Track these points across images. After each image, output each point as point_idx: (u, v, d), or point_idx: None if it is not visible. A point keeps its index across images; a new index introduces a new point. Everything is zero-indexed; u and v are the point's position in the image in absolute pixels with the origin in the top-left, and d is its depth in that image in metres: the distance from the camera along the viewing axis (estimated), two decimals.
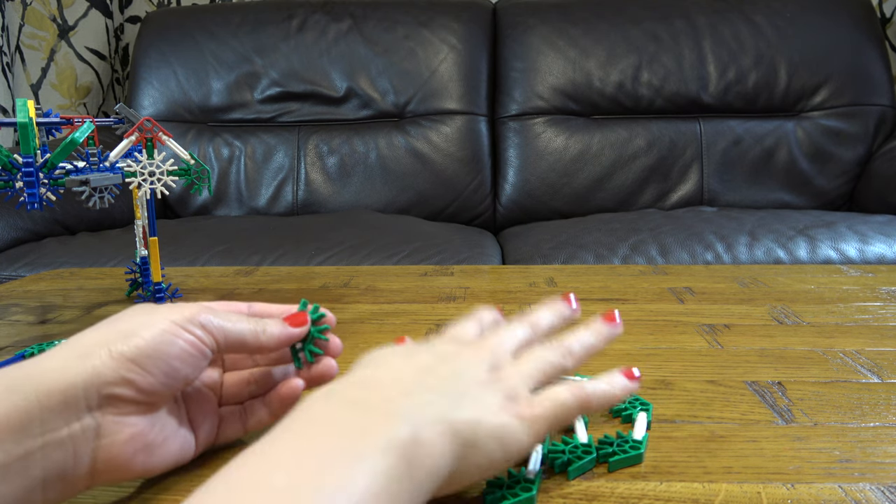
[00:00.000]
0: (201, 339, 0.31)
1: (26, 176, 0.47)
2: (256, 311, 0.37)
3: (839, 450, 0.36)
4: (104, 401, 0.28)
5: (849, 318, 0.59)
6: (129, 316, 0.31)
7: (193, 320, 0.31)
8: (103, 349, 0.29)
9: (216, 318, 0.32)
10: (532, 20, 1.73)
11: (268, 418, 0.36)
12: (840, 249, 1.16)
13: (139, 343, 0.29)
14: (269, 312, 0.37)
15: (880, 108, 1.66)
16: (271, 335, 0.34)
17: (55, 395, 0.27)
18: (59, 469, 0.27)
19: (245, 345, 0.33)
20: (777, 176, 1.64)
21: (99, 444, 0.28)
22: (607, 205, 1.64)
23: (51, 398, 0.27)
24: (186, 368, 0.31)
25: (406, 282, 0.75)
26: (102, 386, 0.28)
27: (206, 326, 0.32)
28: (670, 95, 1.67)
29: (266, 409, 0.36)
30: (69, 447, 0.27)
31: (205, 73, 1.74)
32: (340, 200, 1.67)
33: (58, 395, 0.27)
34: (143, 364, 0.29)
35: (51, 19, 1.80)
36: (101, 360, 0.28)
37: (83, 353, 0.28)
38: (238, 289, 0.73)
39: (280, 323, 0.35)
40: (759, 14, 1.69)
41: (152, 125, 0.54)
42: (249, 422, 0.36)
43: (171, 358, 0.30)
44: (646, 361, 0.49)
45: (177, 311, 0.31)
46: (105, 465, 0.29)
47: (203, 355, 0.31)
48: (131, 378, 0.29)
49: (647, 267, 0.82)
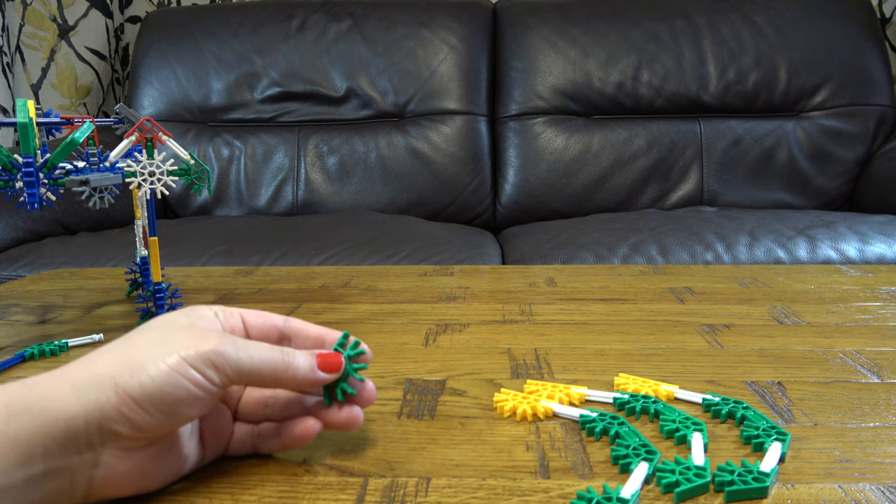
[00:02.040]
0: (211, 379, 0.30)
1: (26, 176, 0.47)
2: (292, 328, 0.36)
3: (839, 450, 0.36)
4: (105, 436, 0.28)
5: (849, 318, 0.59)
6: (144, 342, 0.30)
7: (206, 359, 0.30)
8: (109, 383, 0.28)
9: (235, 352, 0.30)
10: (532, 20, 1.73)
11: (277, 448, 0.35)
12: (840, 249, 1.16)
13: (144, 381, 0.28)
14: (305, 333, 0.36)
15: (880, 108, 1.66)
16: (294, 376, 0.32)
17: (59, 425, 0.27)
18: (56, 493, 0.27)
19: (263, 382, 0.32)
20: (777, 176, 1.64)
21: (97, 473, 0.28)
22: (607, 205, 1.64)
23: (55, 427, 0.27)
24: (191, 410, 0.30)
25: (406, 282, 0.75)
26: (103, 422, 0.28)
27: (220, 367, 0.30)
28: (670, 95, 1.67)
29: (278, 439, 0.35)
30: (67, 476, 0.27)
31: (205, 73, 1.74)
32: (340, 200, 1.67)
33: (61, 424, 0.27)
34: (146, 406, 0.28)
35: (51, 19, 1.80)
36: (106, 396, 0.28)
37: (90, 383, 0.28)
38: (238, 289, 0.73)
39: (310, 361, 0.33)
40: (759, 14, 1.69)
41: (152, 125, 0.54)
42: (259, 444, 0.35)
43: (176, 402, 0.29)
44: (646, 361, 0.49)
45: (193, 342, 0.30)
46: (102, 490, 0.29)
47: (211, 396, 0.30)
48: (132, 418, 0.28)
49: (647, 267, 0.82)
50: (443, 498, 0.32)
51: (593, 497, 0.30)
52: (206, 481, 0.33)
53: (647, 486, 0.32)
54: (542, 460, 0.35)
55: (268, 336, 0.36)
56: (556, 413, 0.40)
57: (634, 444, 0.35)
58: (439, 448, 0.36)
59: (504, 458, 0.35)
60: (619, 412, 0.40)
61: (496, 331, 0.57)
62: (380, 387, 0.45)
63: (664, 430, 0.37)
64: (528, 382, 0.44)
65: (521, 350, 0.52)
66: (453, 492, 0.32)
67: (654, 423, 0.39)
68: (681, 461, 0.33)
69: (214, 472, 0.34)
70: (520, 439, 0.37)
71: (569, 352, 0.52)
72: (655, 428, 0.38)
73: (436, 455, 0.36)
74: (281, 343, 0.36)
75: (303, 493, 0.32)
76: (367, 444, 0.37)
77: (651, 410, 0.39)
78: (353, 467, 0.34)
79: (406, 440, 0.37)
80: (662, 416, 0.38)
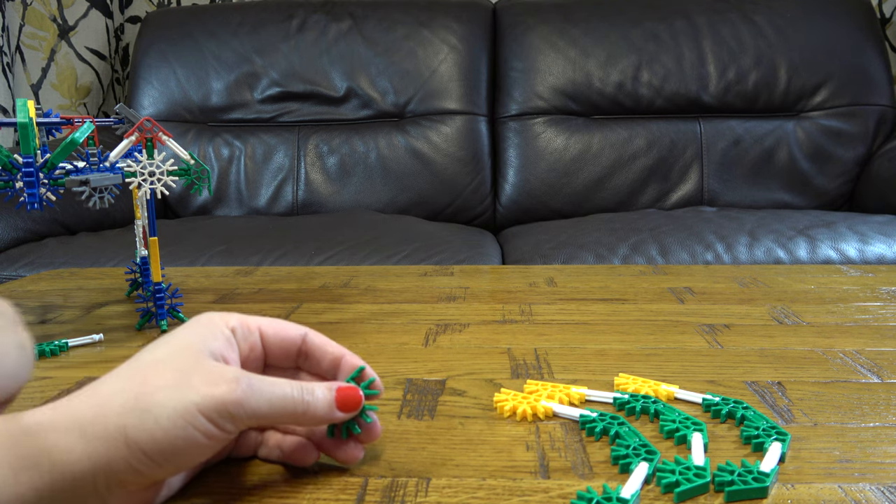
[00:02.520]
0: (224, 429, 0.28)
1: (26, 176, 0.47)
2: (310, 346, 0.35)
3: (839, 450, 0.36)
4: (113, 486, 0.27)
5: (849, 318, 0.59)
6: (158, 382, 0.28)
7: (222, 409, 0.28)
8: (120, 435, 0.27)
9: (252, 399, 0.29)
10: (532, 20, 1.73)
11: (277, 458, 0.35)
12: (840, 249, 1.16)
13: (157, 435, 0.27)
14: (322, 351, 0.35)
15: (880, 108, 1.66)
16: (314, 416, 0.31)
17: (67, 480, 0.26)
18: None
19: (280, 423, 0.31)
20: (777, 176, 1.64)
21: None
22: (607, 205, 1.64)
23: (63, 482, 0.26)
24: (200, 457, 0.29)
25: (406, 282, 0.75)
26: (111, 474, 0.27)
27: (236, 417, 0.28)
28: (670, 95, 1.67)
29: (280, 451, 0.34)
30: None
31: (205, 73, 1.74)
32: (340, 200, 1.67)
33: (70, 480, 0.26)
34: (156, 458, 0.27)
35: (51, 19, 1.80)
36: (116, 449, 0.27)
37: (99, 435, 0.27)
38: (238, 289, 0.73)
39: (328, 398, 0.31)
40: (759, 14, 1.69)
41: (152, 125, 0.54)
42: (262, 451, 0.35)
43: (185, 453, 0.28)
44: (646, 361, 0.49)
45: (207, 387, 0.28)
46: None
47: (221, 443, 0.29)
48: (142, 470, 0.27)
49: (647, 267, 0.82)
50: (443, 498, 0.32)
51: (593, 497, 0.30)
52: (206, 482, 0.33)
53: (647, 486, 0.32)
54: (542, 460, 0.35)
55: (286, 354, 0.35)
56: (556, 413, 0.40)
57: (634, 444, 0.35)
58: (439, 448, 0.36)
59: (504, 458, 0.35)
60: (619, 412, 0.40)
61: (496, 331, 0.57)
62: None
63: (664, 430, 0.37)
64: (528, 382, 0.44)
65: (521, 350, 0.52)
66: (453, 492, 0.32)
67: (654, 423, 0.39)
68: (681, 461, 0.33)
69: (215, 472, 0.34)
70: (520, 439, 0.37)
71: (569, 352, 0.52)
72: (655, 428, 0.38)
73: (436, 455, 0.36)
74: (298, 360, 0.35)
75: (303, 493, 0.32)
76: (367, 445, 0.37)
77: (651, 410, 0.39)
78: (353, 467, 0.34)
79: (406, 440, 0.37)
80: (662, 416, 0.38)
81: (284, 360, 0.35)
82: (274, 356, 0.35)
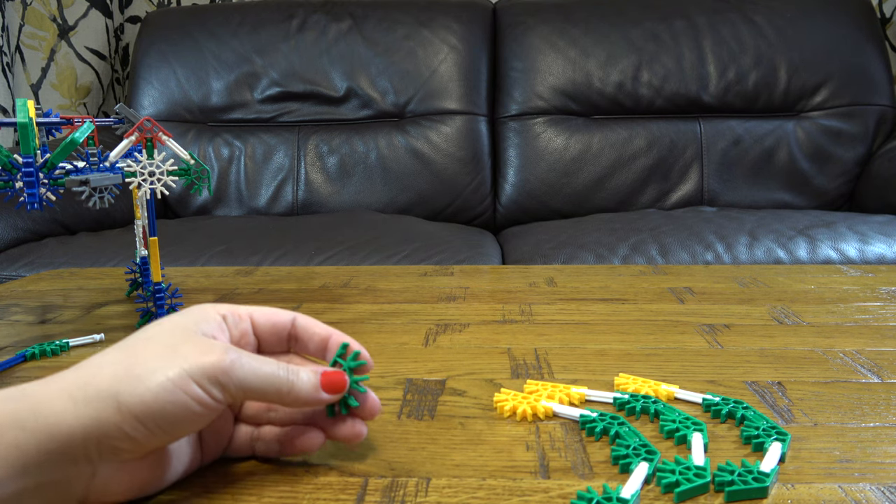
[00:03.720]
0: (214, 396, 0.29)
1: (26, 176, 0.47)
2: (299, 328, 0.35)
3: (839, 450, 0.36)
4: (104, 451, 0.28)
5: (849, 318, 0.59)
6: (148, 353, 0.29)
7: (211, 376, 0.29)
8: (111, 399, 0.27)
9: (240, 369, 0.30)
10: (532, 20, 1.73)
11: (277, 453, 0.35)
12: (840, 249, 1.16)
13: (147, 399, 0.27)
14: (310, 333, 0.35)
15: (880, 108, 1.66)
16: (298, 396, 0.31)
17: (55, 441, 0.26)
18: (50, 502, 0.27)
19: (266, 400, 0.31)
20: (777, 176, 1.64)
21: (93, 484, 0.28)
22: (607, 205, 1.64)
23: (50, 443, 0.26)
24: (192, 427, 0.29)
25: (406, 282, 0.75)
26: (103, 438, 0.27)
27: (224, 385, 0.29)
28: (670, 95, 1.67)
29: (279, 445, 0.34)
30: (63, 486, 0.27)
31: (205, 73, 1.74)
32: (340, 200, 1.67)
33: (58, 441, 0.26)
34: (147, 423, 0.28)
35: (51, 19, 1.80)
36: (107, 413, 0.27)
37: (90, 399, 0.27)
38: (238, 289, 0.73)
39: (313, 381, 0.32)
40: (759, 14, 1.68)
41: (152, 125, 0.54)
42: (259, 448, 0.35)
43: (179, 420, 0.28)
44: (646, 361, 0.49)
45: (197, 356, 0.29)
46: (98, 496, 0.29)
47: (212, 412, 0.29)
48: (133, 435, 0.28)
49: (647, 267, 0.82)
50: (443, 498, 0.32)
51: (593, 497, 0.30)
52: (206, 482, 0.33)
53: (647, 486, 0.32)
54: (542, 460, 0.35)
55: (277, 339, 0.35)
56: (556, 413, 0.40)
57: (634, 444, 0.35)
58: (439, 448, 0.36)
59: (504, 458, 0.35)
60: (619, 412, 0.40)
61: (496, 331, 0.57)
62: (380, 387, 0.45)
63: (664, 430, 0.37)
64: (528, 382, 0.44)
65: (521, 350, 0.52)
66: (453, 492, 0.32)
67: (654, 423, 0.39)
68: (681, 461, 0.33)
69: (214, 472, 0.34)
70: (520, 439, 0.37)
71: (569, 352, 0.52)
72: (655, 428, 0.38)
73: (436, 455, 0.36)
74: (289, 343, 0.36)
75: (303, 493, 0.32)
76: (366, 444, 0.37)
77: (651, 410, 0.39)
78: (353, 467, 0.34)
79: (406, 440, 0.37)
80: (662, 416, 0.38)
81: (277, 346, 0.36)
82: (266, 342, 0.35)
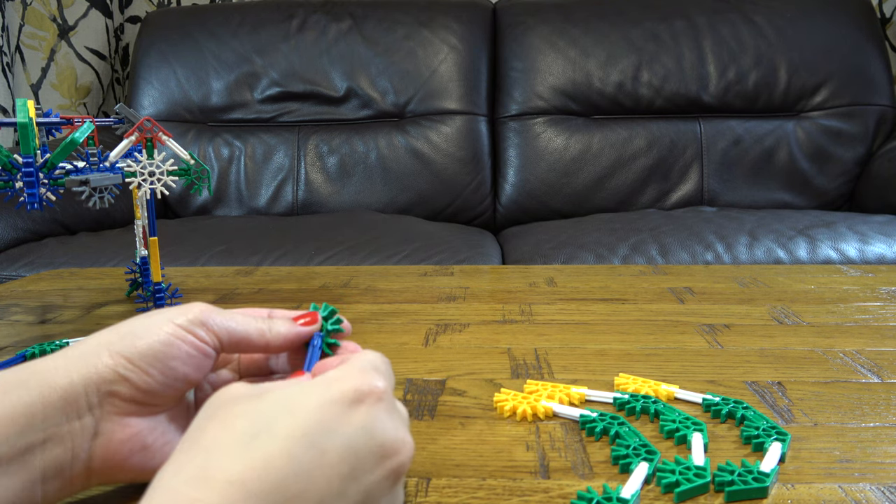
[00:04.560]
0: (203, 339, 0.31)
1: (26, 176, 0.47)
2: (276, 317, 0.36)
3: (839, 450, 0.36)
4: (103, 398, 0.29)
5: (849, 318, 0.59)
6: (132, 320, 0.32)
7: (196, 321, 0.31)
8: (103, 350, 0.29)
9: (220, 316, 0.32)
10: (532, 20, 1.73)
11: None
12: (840, 249, 1.16)
13: (137, 343, 0.30)
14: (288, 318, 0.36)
15: (880, 108, 1.66)
16: (278, 333, 0.34)
17: (57, 391, 0.28)
18: (57, 464, 0.28)
19: (251, 343, 0.33)
20: (777, 176, 1.64)
21: (96, 443, 0.29)
22: (607, 205, 1.64)
23: (53, 394, 0.28)
24: (187, 369, 0.31)
25: (406, 282, 0.75)
26: (101, 383, 0.29)
27: (210, 326, 0.31)
28: (670, 95, 1.67)
29: None
30: (68, 443, 0.28)
31: (205, 73, 1.74)
32: (340, 200, 1.67)
33: (59, 391, 0.28)
34: (140, 364, 0.29)
35: (51, 19, 1.80)
36: (101, 360, 0.29)
37: (84, 353, 0.29)
38: (238, 289, 0.73)
39: (289, 321, 0.35)
40: (759, 14, 1.68)
41: (152, 125, 0.54)
42: None
43: (171, 359, 0.30)
44: (646, 361, 0.49)
45: (180, 313, 0.31)
46: (102, 464, 0.29)
47: (206, 355, 0.31)
48: (128, 377, 0.29)
49: (647, 267, 0.82)
50: (443, 498, 0.32)
51: (593, 497, 0.30)
52: None
53: (647, 486, 0.32)
54: (542, 460, 0.35)
55: None
56: (556, 413, 0.40)
57: (634, 444, 0.35)
58: (439, 448, 0.36)
59: (504, 458, 0.35)
60: (619, 412, 0.40)
61: (496, 331, 0.57)
62: None
63: (664, 430, 0.37)
64: (528, 382, 0.44)
65: (521, 350, 0.52)
66: (453, 492, 0.32)
67: (654, 423, 0.39)
68: (681, 461, 0.33)
69: None
70: (520, 439, 0.37)
71: (569, 352, 0.52)
72: (655, 428, 0.38)
73: (436, 455, 0.36)
74: None
75: None
76: None
77: (651, 410, 0.39)
78: None
79: None
80: (662, 416, 0.38)
81: None
82: None
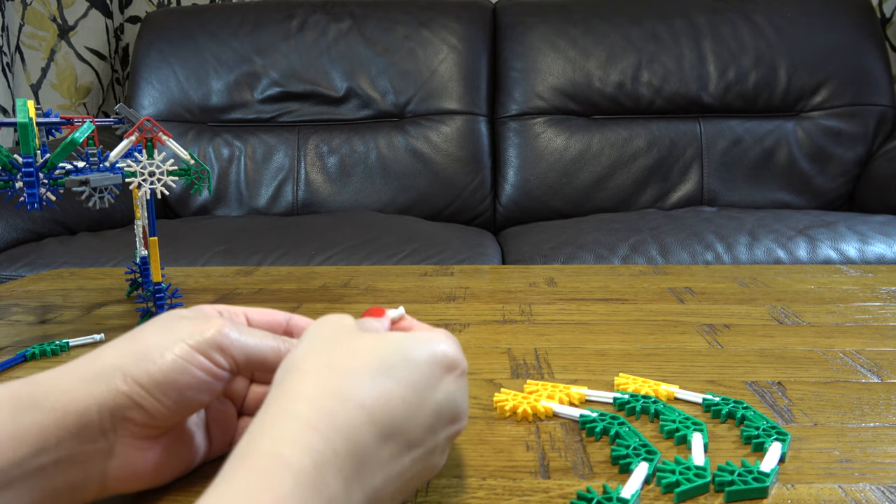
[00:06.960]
0: (218, 363, 0.30)
1: (26, 176, 0.47)
2: (295, 326, 0.36)
3: (839, 450, 0.36)
4: (118, 423, 0.28)
5: (849, 318, 0.59)
6: (148, 333, 0.31)
7: (212, 343, 0.30)
8: (118, 373, 0.28)
9: (238, 336, 0.31)
10: (532, 20, 1.73)
11: None
12: (840, 249, 1.16)
13: (151, 370, 0.29)
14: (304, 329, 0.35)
15: (880, 108, 1.66)
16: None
17: (71, 416, 0.27)
18: (70, 484, 0.28)
19: (267, 365, 0.32)
20: (777, 176, 1.64)
21: (111, 464, 0.29)
22: (607, 205, 1.64)
23: (67, 418, 0.27)
24: (200, 395, 0.30)
25: (406, 282, 0.75)
26: (116, 409, 0.28)
27: (226, 349, 0.30)
28: (670, 95, 1.67)
29: None
30: (81, 465, 0.28)
31: (205, 73, 1.74)
32: (340, 200, 1.67)
33: (74, 415, 0.27)
34: (154, 393, 0.28)
35: (51, 19, 1.80)
36: (116, 385, 0.28)
37: (99, 375, 0.28)
38: (238, 289, 0.73)
39: None
40: (759, 14, 1.68)
41: (152, 125, 0.54)
42: None
43: (184, 388, 0.29)
44: (646, 361, 0.49)
45: (197, 329, 0.30)
46: (116, 481, 0.29)
47: (219, 380, 0.30)
48: (143, 404, 0.28)
49: (647, 267, 0.82)
50: (443, 498, 0.31)
51: (593, 497, 0.30)
52: (208, 480, 0.33)
53: (647, 486, 0.32)
54: (542, 460, 0.35)
55: (272, 331, 0.36)
56: (556, 413, 0.40)
57: (634, 444, 0.35)
58: None
59: (504, 458, 0.35)
60: (619, 412, 0.40)
61: (496, 331, 0.57)
62: None
63: (664, 430, 0.37)
64: (528, 382, 0.44)
65: (521, 350, 0.52)
66: (453, 492, 0.32)
67: (654, 423, 0.39)
68: (681, 461, 0.33)
69: (216, 470, 0.34)
70: (520, 439, 0.37)
71: (569, 352, 0.52)
72: (655, 428, 0.38)
73: None
74: None
75: None
76: None
77: (651, 410, 0.39)
78: None
79: None
80: (662, 416, 0.38)
81: None
82: None
